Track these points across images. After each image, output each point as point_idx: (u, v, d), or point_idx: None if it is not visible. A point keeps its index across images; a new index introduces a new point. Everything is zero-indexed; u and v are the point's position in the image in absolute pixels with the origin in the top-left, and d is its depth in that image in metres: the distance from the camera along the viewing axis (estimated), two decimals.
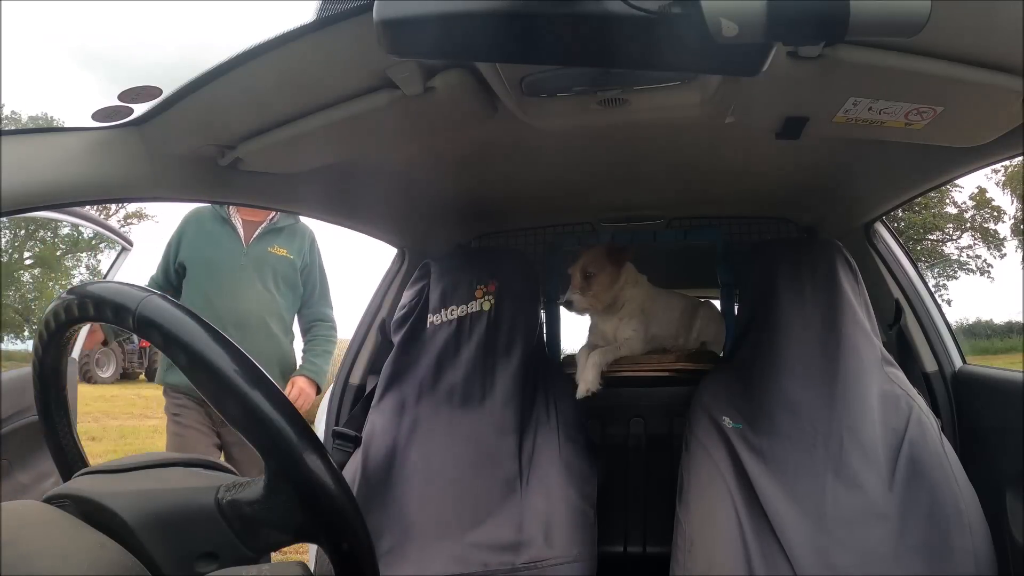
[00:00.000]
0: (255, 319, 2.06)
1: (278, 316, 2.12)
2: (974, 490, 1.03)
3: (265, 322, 2.08)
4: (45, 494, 0.49)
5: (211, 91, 0.81)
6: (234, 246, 2.11)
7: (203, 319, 0.46)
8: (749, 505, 1.04)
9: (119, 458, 0.52)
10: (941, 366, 1.46)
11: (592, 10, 0.50)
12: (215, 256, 2.09)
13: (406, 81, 0.81)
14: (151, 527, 0.44)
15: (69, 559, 0.40)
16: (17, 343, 18.96)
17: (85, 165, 0.87)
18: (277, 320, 2.12)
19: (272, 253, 2.12)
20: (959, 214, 17.80)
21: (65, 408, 0.60)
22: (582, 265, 1.49)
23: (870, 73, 0.74)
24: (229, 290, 2.06)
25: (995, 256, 17.67)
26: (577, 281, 1.49)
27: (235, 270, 2.08)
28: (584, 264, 1.50)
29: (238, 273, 2.08)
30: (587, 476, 1.27)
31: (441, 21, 0.53)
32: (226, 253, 2.10)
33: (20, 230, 19.10)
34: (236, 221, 2.12)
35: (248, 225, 2.13)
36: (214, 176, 1.04)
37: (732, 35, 0.46)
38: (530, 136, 1.06)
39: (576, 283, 1.49)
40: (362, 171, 1.24)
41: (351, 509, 0.45)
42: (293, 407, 0.45)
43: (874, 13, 0.46)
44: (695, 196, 1.58)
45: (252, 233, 2.12)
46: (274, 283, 2.12)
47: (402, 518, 1.20)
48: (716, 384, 1.26)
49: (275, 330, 2.11)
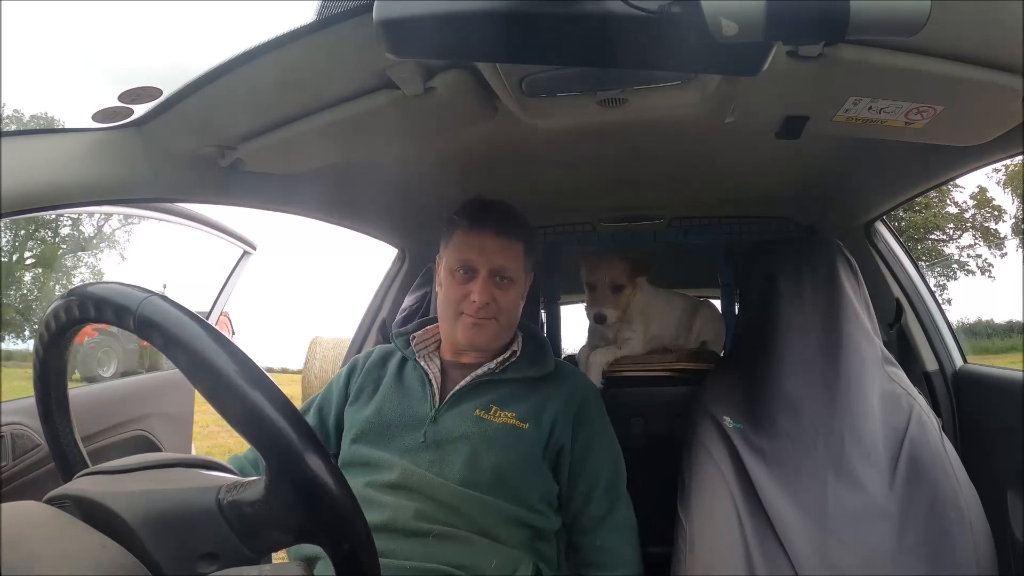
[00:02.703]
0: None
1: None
2: (975, 489, 1.03)
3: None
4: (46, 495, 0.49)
5: (211, 91, 0.81)
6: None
7: (203, 319, 0.46)
8: (750, 505, 1.04)
9: (120, 459, 0.52)
10: (942, 365, 1.46)
11: (592, 10, 0.50)
12: None
13: (406, 81, 0.81)
14: (152, 527, 0.44)
15: (70, 560, 0.40)
16: (17, 343, 18.98)
17: (85, 165, 0.88)
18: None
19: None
20: (959, 214, 17.80)
21: (66, 409, 0.60)
22: (611, 279, 1.47)
23: (870, 72, 0.74)
24: None
25: (996, 255, 17.69)
26: (607, 295, 1.47)
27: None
28: (613, 277, 1.48)
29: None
30: None
31: (441, 21, 0.53)
32: None
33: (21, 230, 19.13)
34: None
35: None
36: (214, 177, 1.04)
37: (732, 34, 0.46)
38: (530, 136, 1.06)
39: (607, 297, 1.47)
40: (362, 171, 1.24)
41: (352, 509, 0.45)
42: (293, 407, 0.45)
43: (874, 12, 0.46)
44: (695, 196, 1.58)
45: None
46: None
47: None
48: (717, 384, 1.26)
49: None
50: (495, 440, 1.03)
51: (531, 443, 1.05)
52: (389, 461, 1.02)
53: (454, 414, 1.06)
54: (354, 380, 1.16)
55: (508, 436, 1.04)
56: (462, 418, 1.05)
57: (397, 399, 1.09)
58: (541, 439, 1.06)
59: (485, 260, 1.08)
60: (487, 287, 1.08)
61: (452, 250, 1.12)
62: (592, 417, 1.12)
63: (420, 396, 1.09)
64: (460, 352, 1.14)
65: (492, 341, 1.12)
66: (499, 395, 1.08)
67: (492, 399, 1.07)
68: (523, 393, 1.09)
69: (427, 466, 1.01)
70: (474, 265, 1.09)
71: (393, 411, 1.08)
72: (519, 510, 1.01)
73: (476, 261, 1.09)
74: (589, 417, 1.11)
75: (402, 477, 0.99)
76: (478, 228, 1.10)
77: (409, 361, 1.15)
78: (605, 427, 1.14)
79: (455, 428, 1.04)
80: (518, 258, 1.12)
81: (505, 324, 1.12)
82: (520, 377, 1.11)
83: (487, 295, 1.07)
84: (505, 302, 1.10)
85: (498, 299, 1.09)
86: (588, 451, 1.09)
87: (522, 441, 1.04)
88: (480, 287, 1.07)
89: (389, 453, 1.03)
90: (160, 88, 0.84)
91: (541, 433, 1.06)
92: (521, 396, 1.09)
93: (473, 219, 1.11)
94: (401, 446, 1.03)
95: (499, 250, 1.09)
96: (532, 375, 1.12)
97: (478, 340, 1.10)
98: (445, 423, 1.05)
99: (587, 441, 1.10)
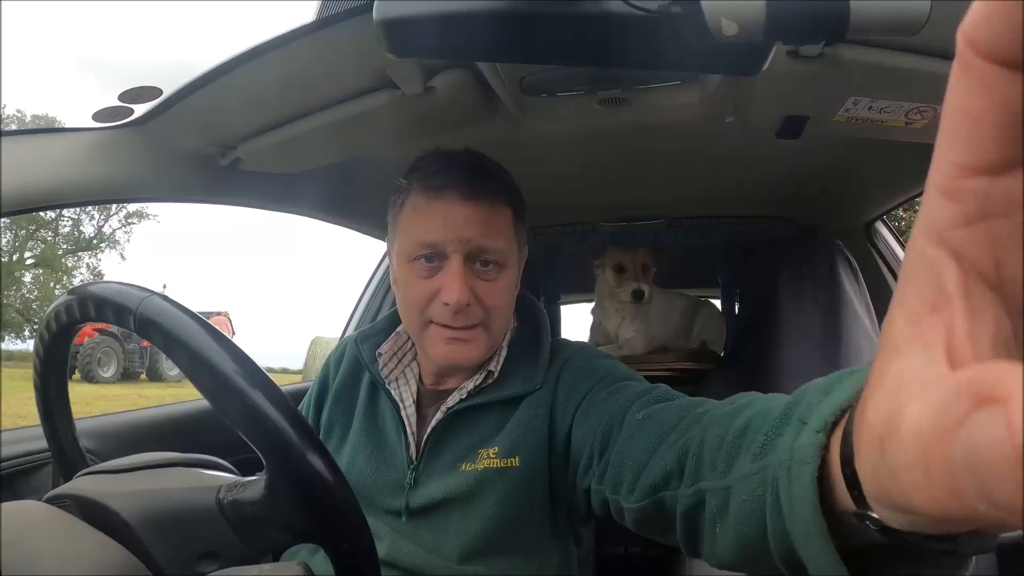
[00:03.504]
0: None
1: None
2: None
3: None
4: (46, 494, 0.49)
5: (212, 91, 0.81)
6: None
7: (203, 319, 0.46)
8: None
9: (120, 458, 0.52)
10: None
11: (592, 10, 0.50)
12: None
13: (406, 81, 0.81)
14: (152, 527, 0.44)
15: (70, 559, 0.40)
16: (17, 343, 19.01)
17: (86, 165, 0.88)
18: None
19: None
20: None
21: (66, 408, 0.60)
22: (642, 260, 1.57)
23: (870, 72, 0.74)
24: None
25: None
26: (640, 275, 1.56)
27: None
28: (642, 259, 1.57)
29: None
30: None
31: (441, 21, 0.53)
32: None
33: (21, 230, 19.12)
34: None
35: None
36: (214, 176, 1.04)
37: (732, 34, 0.46)
38: (530, 136, 1.06)
39: (639, 276, 1.56)
40: (362, 171, 1.24)
41: (352, 509, 0.45)
42: (293, 407, 0.45)
43: (874, 12, 0.46)
44: (695, 196, 1.58)
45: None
46: None
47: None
48: (717, 384, 1.26)
49: None
50: (487, 494, 0.75)
51: (526, 480, 0.75)
52: (375, 527, 0.73)
53: (435, 471, 0.77)
54: (326, 403, 0.89)
55: (501, 482, 0.75)
56: (444, 476, 0.76)
57: (369, 450, 0.81)
58: (538, 471, 0.75)
59: (454, 237, 0.72)
60: (463, 280, 0.73)
61: (404, 229, 0.76)
62: (589, 388, 0.74)
63: (395, 445, 0.80)
64: (440, 375, 0.82)
65: (477, 356, 0.77)
66: (483, 430, 0.78)
67: (476, 440, 0.77)
68: (506, 413, 0.78)
69: (418, 541, 0.75)
70: (440, 247, 0.73)
71: (366, 468, 0.80)
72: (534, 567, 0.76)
73: (442, 240, 0.73)
74: (584, 389, 0.74)
75: (391, 553, 0.75)
76: (439, 190, 0.74)
77: (378, 390, 0.84)
78: (605, 370, 0.76)
79: (437, 491, 0.76)
80: (505, 228, 0.76)
81: (497, 329, 0.78)
82: (502, 398, 0.78)
83: (465, 292, 0.72)
84: (493, 299, 0.75)
85: (483, 296, 0.74)
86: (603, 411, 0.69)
87: (516, 483, 0.75)
88: (453, 280, 0.72)
89: (373, 518, 0.75)
90: (160, 88, 0.84)
91: (535, 464, 0.75)
92: (500, 419, 0.78)
93: (430, 178, 0.74)
94: (383, 511, 0.78)
95: (475, 220, 0.73)
96: (517, 392, 0.78)
97: (458, 359, 0.76)
98: (427, 487, 0.77)
99: (599, 404, 0.71)
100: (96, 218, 20.92)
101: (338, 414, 0.87)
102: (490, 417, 0.78)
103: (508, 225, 0.77)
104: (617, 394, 0.69)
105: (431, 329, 0.76)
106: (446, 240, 0.73)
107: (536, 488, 0.76)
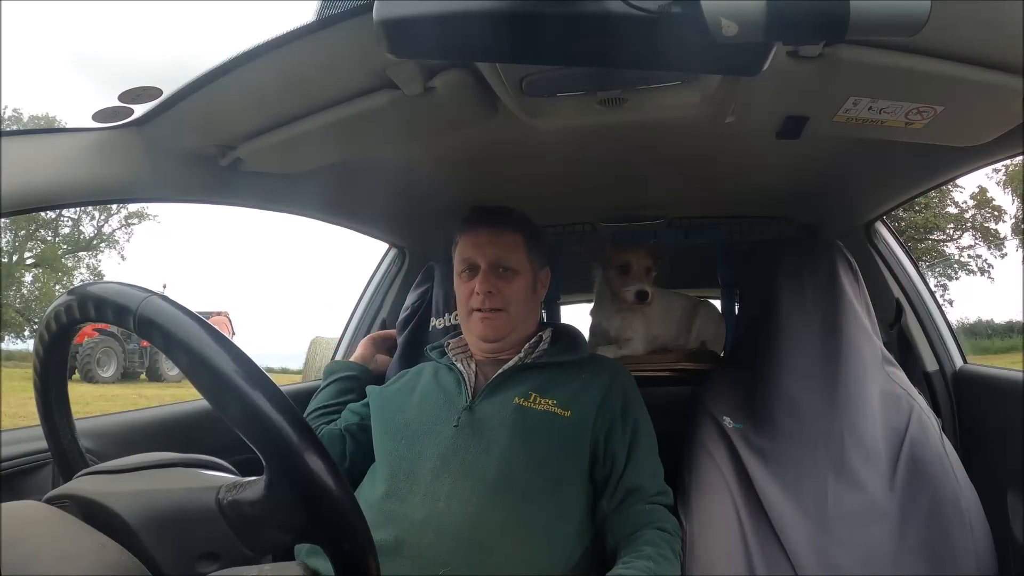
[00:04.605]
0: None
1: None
2: (975, 489, 1.03)
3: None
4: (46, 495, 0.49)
5: (211, 91, 0.82)
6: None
7: (203, 319, 0.46)
8: (750, 505, 1.04)
9: (120, 458, 0.52)
10: (942, 365, 1.46)
11: (592, 10, 0.50)
12: None
13: (406, 81, 0.81)
14: (152, 527, 0.45)
15: (70, 560, 0.40)
16: (17, 343, 18.99)
17: (86, 165, 0.88)
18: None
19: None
20: (959, 214, 17.80)
21: (66, 408, 0.60)
22: (646, 263, 1.54)
23: (870, 72, 0.74)
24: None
25: (996, 256, 17.68)
26: (642, 276, 1.53)
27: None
28: (645, 260, 1.54)
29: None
30: None
31: (441, 21, 0.53)
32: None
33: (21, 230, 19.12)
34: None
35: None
36: (214, 177, 1.04)
37: (732, 34, 0.46)
38: (530, 136, 1.06)
39: (642, 277, 1.53)
40: (362, 171, 1.24)
41: (352, 509, 0.45)
42: (293, 407, 0.45)
43: (874, 12, 0.46)
44: (695, 196, 1.58)
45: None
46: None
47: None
48: (717, 384, 1.26)
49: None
50: (535, 429, 1.01)
51: (574, 432, 1.02)
52: (424, 447, 1.01)
53: (491, 403, 1.06)
54: (383, 394, 1.17)
55: (549, 424, 1.02)
56: (500, 406, 1.04)
57: (435, 395, 1.10)
58: (584, 428, 1.02)
59: (483, 255, 1.12)
60: (488, 279, 1.11)
61: (457, 255, 1.17)
62: (635, 416, 1.07)
63: (456, 392, 1.09)
64: (487, 351, 1.15)
65: (505, 331, 1.12)
66: (538, 382, 1.07)
67: (531, 386, 1.06)
68: (561, 379, 1.08)
69: (463, 451, 0.99)
70: (475, 262, 1.13)
71: (431, 406, 1.08)
72: (548, 518, 0.96)
73: (476, 257, 1.13)
74: (631, 415, 1.06)
75: (442, 458, 0.99)
76: (475, 227, 1.16)
77: (442, 368, 1.16)
78: (647, 426, 1.08)
79: (492, 415, 1.03)
80: (517, 248, 1.14)
81: (516, 315, 1.13)
82: (555, 362, 1.11)
83: (488, 285, 1.10)
84: (510, 292, 1.12)
85: (502, 289, 1.11)
86: (629, 460, 1.02)
87: (564, 429, 1.02)
88: (481, 280, 1.11)
89: (427, 436, 1.03)
90: (160, 88, 0.84)
91: (584, 421, 1.03)
92: (560, 382, 1.07)
93: (470, 221, 1.17)
94: (436, 437, 1.03)
95: (496, 243, 1.13)
96: (569, 359, 1.12)
97: (490, 332, 1.12)
98: (481, 411, 1.04)
99: (629, 442, 1.04)
100: (96, 218, 20.89)
101: (405, 387, 1.16)
102: (546, 375, 1.09)
103: (520, 246, 1.15)
104: (629, 449, 1.04)
105: (473, 315, 1.13)
106: (478, 257, 1.13)
107: (581, 442, 1.02)
